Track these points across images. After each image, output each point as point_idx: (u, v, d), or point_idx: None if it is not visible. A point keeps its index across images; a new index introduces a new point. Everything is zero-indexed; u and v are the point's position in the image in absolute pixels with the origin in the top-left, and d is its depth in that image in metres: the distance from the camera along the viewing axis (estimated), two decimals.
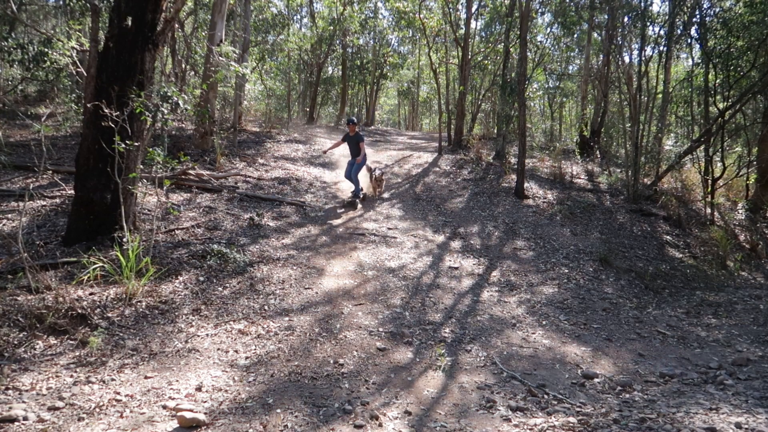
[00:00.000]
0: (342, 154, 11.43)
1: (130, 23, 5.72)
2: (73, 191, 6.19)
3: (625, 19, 13.17)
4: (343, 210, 8.78)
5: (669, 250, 8.95)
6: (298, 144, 13.43)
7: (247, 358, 4.39)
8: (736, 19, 10.40)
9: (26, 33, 14.27)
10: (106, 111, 5.30)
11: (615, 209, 10.35)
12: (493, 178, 11.53)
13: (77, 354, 4.17)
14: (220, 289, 5.64)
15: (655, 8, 34.95)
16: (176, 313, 5.01)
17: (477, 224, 9.01)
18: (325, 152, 9.99)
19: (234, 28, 14.35)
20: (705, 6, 11.61)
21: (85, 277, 5.05)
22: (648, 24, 11.94)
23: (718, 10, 11.63)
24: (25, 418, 3.24)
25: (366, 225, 8.29)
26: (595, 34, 15.56)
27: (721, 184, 11.49)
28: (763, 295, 7.25)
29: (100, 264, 5.14)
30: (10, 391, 3.58)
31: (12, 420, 3.20)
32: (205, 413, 3.47)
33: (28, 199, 6.67)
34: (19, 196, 7.12)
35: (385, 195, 10.23)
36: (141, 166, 6.31)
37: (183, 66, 14.14)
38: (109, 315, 4.74)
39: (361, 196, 9.08)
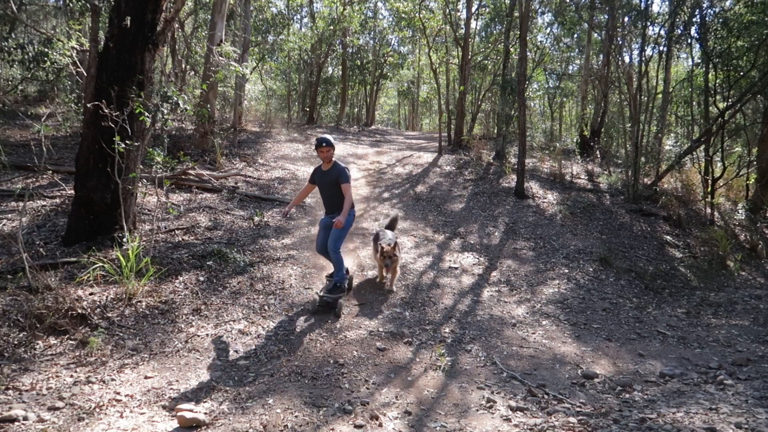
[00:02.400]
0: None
1: (130, 23, 5.72)
2: (73, 191, 6.19)
3: (625, 19, 13.18)
4: (315, 315, 5.24)
5: (669, 250, 8.95)
6: (298, 144, 13.44)
7: (247, 358, 4.39)
8: (736, 19, 10.40)
9: (26, 33, 14.27)
10: (106, 111, 5.30)
11: (615, 209, 10.34)
12: (493, 178, 11.52)
13: (77, 354, 4.16)
14: (220, 289, 5.64)
15: (655, 8, 34.98)
16: (176, 313, 5.01)
17: (477, 224, 9.00)
18: (285, 214, 5.54)
19: (234, 28, 14.35)
20: (705, 6, 11.62)
21: (85, 277, 5.05)
22: (648, 24, 11.94)
23: (718, 10, 11.64)
24: (25, 418, 3.24)
25: (366, 224, 8.29)
26: (595, 34, 15.55)
27: (721, 184, 11.48)
28: (763, 295, 7.25)
29: (100, 264, 5.14)
30: (10, 391, 3.58)
31: (12, 420, 3.20)
32: (205, 413, 3.47)
33: (28, 199, 6.67)
34: (19, 196, 7.11)
35: (386, 194, 10.16)
36: (141, 166, 6.31)
37: (183, 66, 14.14)
38: (109, 315, 4.74)
39: (346, 286, 5.59)
